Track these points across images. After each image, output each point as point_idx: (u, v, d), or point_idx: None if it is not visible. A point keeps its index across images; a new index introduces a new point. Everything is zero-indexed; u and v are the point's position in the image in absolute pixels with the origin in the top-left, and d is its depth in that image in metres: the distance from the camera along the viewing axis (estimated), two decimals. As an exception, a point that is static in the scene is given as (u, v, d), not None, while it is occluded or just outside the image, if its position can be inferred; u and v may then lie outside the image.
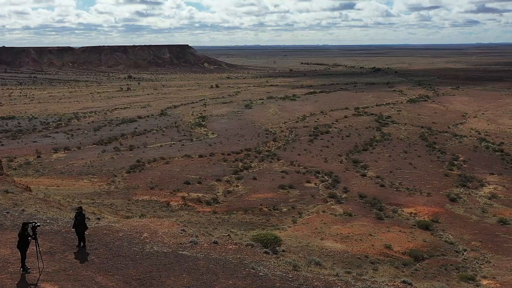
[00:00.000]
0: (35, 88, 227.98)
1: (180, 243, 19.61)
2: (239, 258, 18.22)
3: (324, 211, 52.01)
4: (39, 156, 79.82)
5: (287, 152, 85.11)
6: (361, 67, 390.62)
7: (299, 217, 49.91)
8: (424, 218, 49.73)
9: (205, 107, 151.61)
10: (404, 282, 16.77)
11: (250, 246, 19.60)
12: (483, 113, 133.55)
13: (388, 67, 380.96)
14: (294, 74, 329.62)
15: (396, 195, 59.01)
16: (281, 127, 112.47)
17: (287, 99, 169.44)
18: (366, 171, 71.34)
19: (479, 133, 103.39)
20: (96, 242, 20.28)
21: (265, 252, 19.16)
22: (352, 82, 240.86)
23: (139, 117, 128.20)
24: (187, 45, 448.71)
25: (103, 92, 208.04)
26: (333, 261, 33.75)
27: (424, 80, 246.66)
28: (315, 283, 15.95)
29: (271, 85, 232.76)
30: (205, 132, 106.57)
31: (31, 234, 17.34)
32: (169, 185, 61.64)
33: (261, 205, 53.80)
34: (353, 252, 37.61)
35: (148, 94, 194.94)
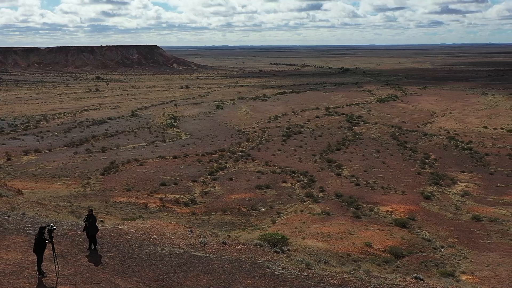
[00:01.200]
0: (0, 90, 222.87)
1: (190, 244, 19.59)
2: (251, 258, 18.32)
3: (302, 211, 52.41)
4: (9, 159, 78.16)
5: (261, 152, 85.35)
6: (329, 67, 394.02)
7: (278, 217, 50.18)
8: (400, 216, 50.57)
9: (176, 108, 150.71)
10: (416, 278, 17.10)
11: (258, 246, 19.71)
12: (450, 112, 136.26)
13: (356, 67, 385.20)
14: (263, 74, 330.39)
15: (372, 193, 59.83)
16: (253, 128, 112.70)
17: (258, 100, 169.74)
18: (340, 170, 72.10)
19: (448, 132, 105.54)
20: (106, 245, 20.08)
21: (275, 252, 19.30)
22: (322, 82, 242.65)
23: (110, 119, 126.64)
24: (156, 45, 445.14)
25: (71, 93, 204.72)
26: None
27: (392, 80, 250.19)
28: (331, 281, 16.16)
29: (242, 86, 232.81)
30: (177, 133, 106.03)
31: (48, 237, 17.07)
32: (145, 186, 61.19)
33: (239, 205, 53.89)
34: (335, 251, 38.00)
35: (117, 95, 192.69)
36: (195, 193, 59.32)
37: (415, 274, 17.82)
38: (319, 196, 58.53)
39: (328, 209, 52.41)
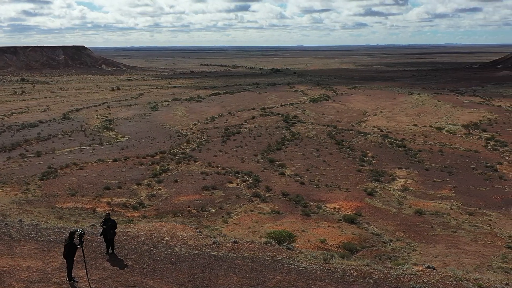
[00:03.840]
0: None
1: (205, 244, 19.56)
2: (269, 255, 18.56)
3: (251, 210, 52.84)
4: None
5: (202, 153, 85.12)
6: (260, 68, 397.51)
7: (229, 217, 50.30)
8: (347, 212, 52.04)
9: (110, 110, 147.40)
10: (428, 267, 17.88)
11: (269, 244, 19.88)
12: (381, 111, 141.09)
13: (286, 68, 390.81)
14: (195, 75, 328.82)
15: (317, 191, 61.14)
16: (191, 129, 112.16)
17: (192, 101, 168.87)
18: (284, 169, 73.13)
19: (381, 130, 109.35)
20: (122, 248, 19.69)
21: (288, 248, 19.62)
22: (254, 83, 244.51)
23: (41, 122, 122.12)
24: (83, 46, 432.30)
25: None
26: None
27: (322, 80, 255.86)
28: (355, 274, 16.67)
29: (174, 87, 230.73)
30: (114, 136, 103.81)
31: (78, 242, 16.47)
32: (89, 191, 59.63)
33: (189, 207, 53.58)
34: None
35: (45, 98, 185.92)
36: (142, 196, 58.43)
37: (427, 264, 18.69)
38: (266, 195, 59.14)
39: (277, 208, 53.13)
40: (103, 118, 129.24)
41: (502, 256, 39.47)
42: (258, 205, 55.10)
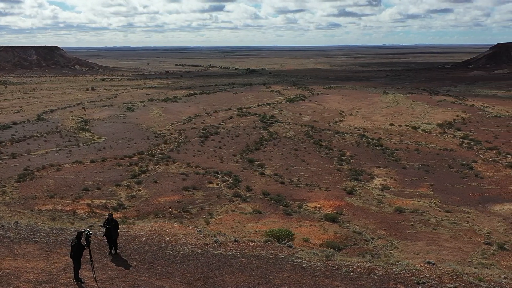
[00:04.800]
0: None
1: (207, 244, 19.50)
2: (272, 253, 18.59)
3: (233, 210, 52.83)
4: None
5: (181, 154, 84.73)
6: (236, 68, 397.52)
7: (211, 218, 50.21)
8: (329, 211, 52.39)
9: (85, 110, 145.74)
10: (428, 262, 18.13)
11: (269, 242, 19.90)
12: (357, 111, 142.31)
13: (261, 68, 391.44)
14: (170, 75, 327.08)
15: (297, 191, 61.40)
16: (169, 129, 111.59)
17: (169, 101, 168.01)
18: (263, 169, 73.25)
19: (358, 130, 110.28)
20: (124, 249, 19.50)
21: (289, 246, 19.64)
22: (230, 83, 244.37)
23: (14, 123, 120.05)
24: (56, 46, 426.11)
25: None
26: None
27: (297, 80, 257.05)
28: (358, 270, 16.80)
29: (150, 87, 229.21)
30: (91, 137, 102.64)
31: (85, 243, 16.22)
32: (68, 192, 58.88)
33: (170, 207, 53.32)
34: (277, 248, 38.72)
35: (18, 98, 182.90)
36: (122, 197, 57.93)
37: (427, 260, 18.99)
38: (247, 195, 59.17)
39: (258, 208, 53.23)
40: (78, 119, 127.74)
41: (481, 252, 40.24)
42: (239, 205, 55.12)
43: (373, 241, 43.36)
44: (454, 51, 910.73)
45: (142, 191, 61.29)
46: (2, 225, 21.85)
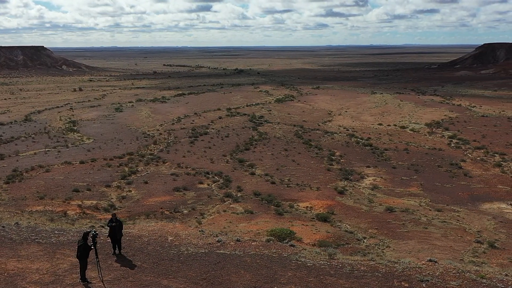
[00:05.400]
0: None
1: (210, 243, 19.47)
2: (275, 252, 18.58)
3: (225, 211, 52.80)
4: None
5: (171, 154, 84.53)
6: (224, 69, 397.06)
7: (202, 218, 50.14)
8: (320, 211, 52.53)
9: (73, 111, 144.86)
10: (430, 260, 18.21)
11: (271, 241, 19.91)
12: (346, 111, 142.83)
13: (250, 68, 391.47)
14: (158, 76, 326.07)
15: (288, 191, 61.50)
16: (158, 130, 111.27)
17: (157, 101, 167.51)
18: (254, 169, 73.26)
19: (347, 130, 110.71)
20: (128, 249, 19.41)
21: (291, 245, 19.65)
22: (218, 83, 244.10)
23: (1, 124, 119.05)
24: (42, 46, 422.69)
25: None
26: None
27: (286, 81, 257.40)
28: (362, 268, 16.85)
29: (138, 87, 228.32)
30: (79, 138, 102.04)
31: (91, 243, 16.09)
32: (58, 193, 58.49)
33: (161, 208, 53.16)
34: (270, 248, 38.75)
35: (5, 99, 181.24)
36: (112, 198, 57.66)
37: (429, 257, 19.09)
38: (238, 195, 59.17)
39: (250, 208, 53.24)
40: (66, 119, 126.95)
41: (472, 251, 40.57)
42: (231, 205, 55.11)
43: (365, 240, 43.56)
44: (440, 51, 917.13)
45: (132, 191, 61.05)
46: (3, 226, 21.68)
